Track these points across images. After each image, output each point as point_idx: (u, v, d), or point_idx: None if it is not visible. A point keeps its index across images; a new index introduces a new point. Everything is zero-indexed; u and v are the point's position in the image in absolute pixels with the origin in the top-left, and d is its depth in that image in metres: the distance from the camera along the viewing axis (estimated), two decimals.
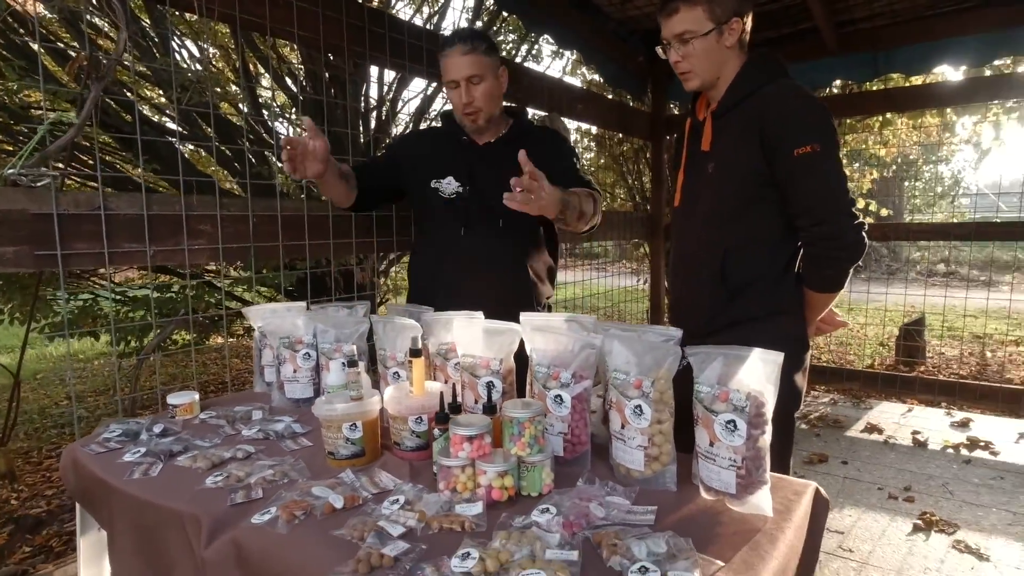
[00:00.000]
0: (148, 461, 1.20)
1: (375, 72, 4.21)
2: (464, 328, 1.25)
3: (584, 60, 3.91)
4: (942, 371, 4.94)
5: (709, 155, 1.50)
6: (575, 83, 4.51)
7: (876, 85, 4.65)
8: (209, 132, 2.95)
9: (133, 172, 3.49)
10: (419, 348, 1.24)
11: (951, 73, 4.09)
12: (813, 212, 1.37)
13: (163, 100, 4.29)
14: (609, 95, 4.35)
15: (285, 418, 1.42)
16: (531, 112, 2.76)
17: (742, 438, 0.93)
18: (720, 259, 1.47)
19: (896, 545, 2.30)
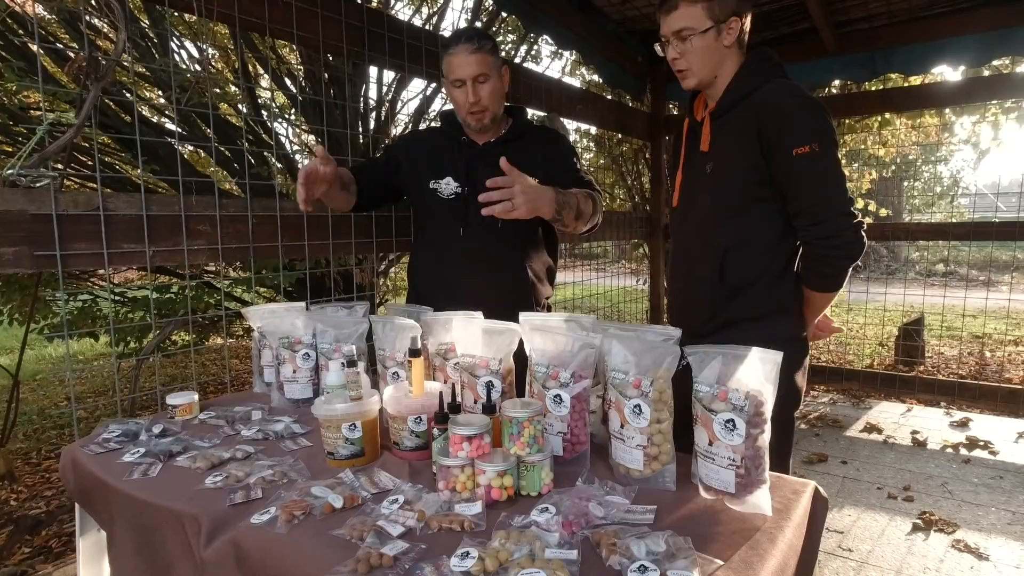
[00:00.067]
0: (147, 461, 1.20)
1: (374, 72, 4.22)
2: (463, 328, 1.25)
3: (583, 60, 3.91)
4: (941, 371, 4.95)
5: (708, 155, 1.50)
6: (574, 83, 4.52)
7: (875, 85, 4.66)
8: (208, 133, 2.95)
9: (132, 173, 3.49)
10: (418, 348, 1.24)
11: (949, 73, 4.10)
12: (812, 211, 1.37)
13: (162, 101, 4.29)
14: (608, 95, 4.35)
15: (284, 418, 1.42)
16: (530, 112, 2.76)
17: (741, 437, 0.93)
18: (719, 259, 1.47)
19: (895, 544, 2.31)
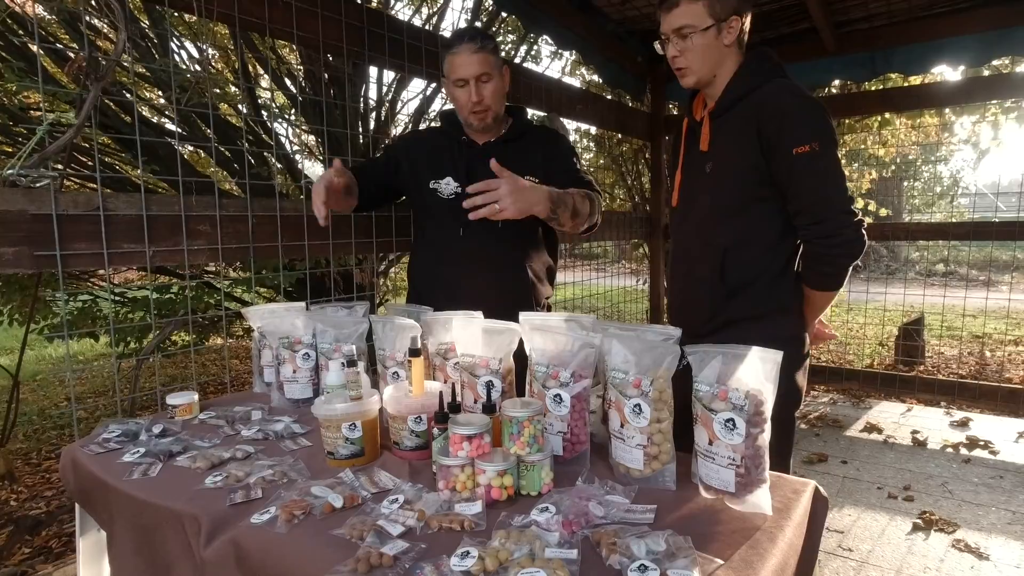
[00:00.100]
0: (147, 461, 1.20)
1: (374, 72, 4.22)
2: (463, 328, 1.25)
3: (583, 61, 3.91)
4: (941, 371, 4.95)
5: (707, 155, 1.50)
6: (574, 83, 4.52)
7: (874, 85, 4.66)
8: (208, 133, 2.95)
9: (132, 173, 3.50)
10: (418, 348, 1.24)
11: (949, 73, 4.10)
12: (812, 211, 1.37)
13: (162, 101, 4.30)
14: (608, 95, 4.35)
15: (284, 418, 1.42)
16: (531, 112, 2.76)
17: (741, 437, 0.93)
18: (719, 258, 1.47)
19: (895, 544, 2.31)
